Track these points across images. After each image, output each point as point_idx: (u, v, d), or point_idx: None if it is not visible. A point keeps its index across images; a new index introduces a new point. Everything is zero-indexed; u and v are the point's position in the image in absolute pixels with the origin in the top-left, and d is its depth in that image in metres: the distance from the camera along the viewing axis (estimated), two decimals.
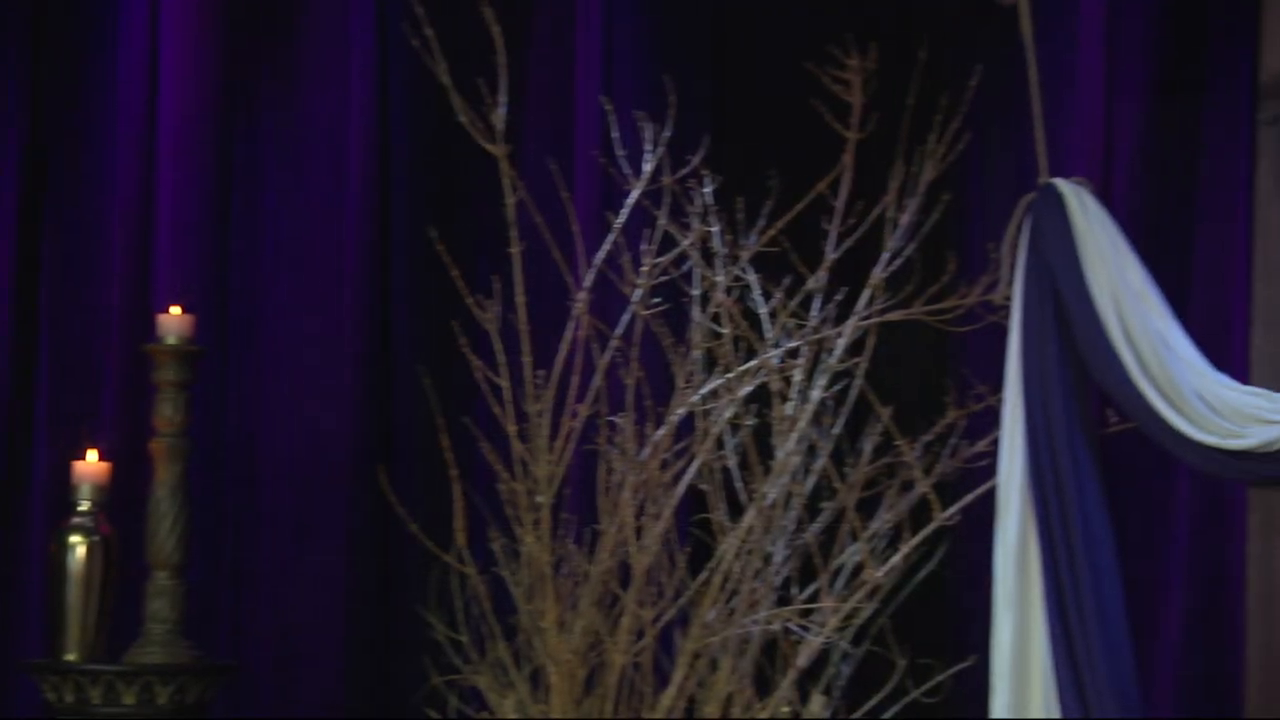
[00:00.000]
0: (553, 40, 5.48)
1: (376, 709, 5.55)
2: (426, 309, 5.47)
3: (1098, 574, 4.35)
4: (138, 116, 5.78)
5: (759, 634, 4.54)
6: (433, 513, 4.93)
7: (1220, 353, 4.47)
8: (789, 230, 4.63)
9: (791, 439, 4.58)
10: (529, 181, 4.90)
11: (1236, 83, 4.73)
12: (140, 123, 5.77)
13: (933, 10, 5.06)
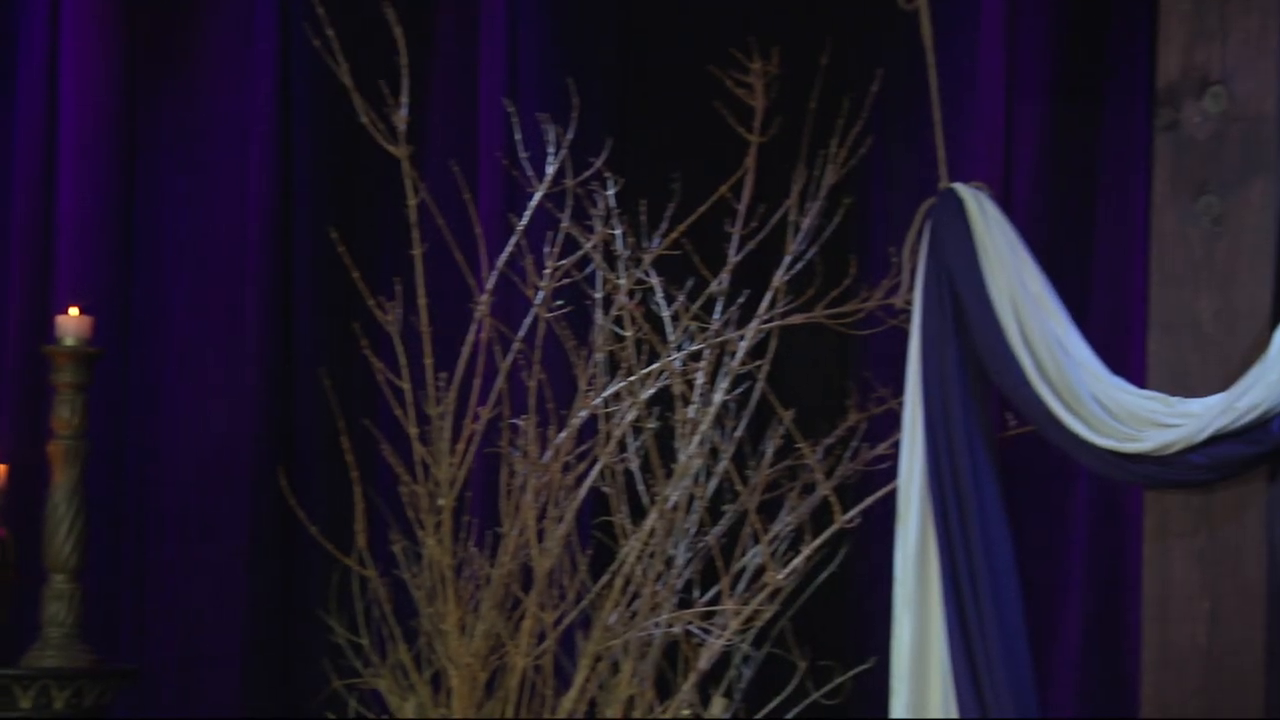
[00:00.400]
0: (456, 41, 5.47)
1: (277, 711, 5.53)
2: (328, 310, 5.46)
3: (996, 576, 4.37)
4: (38, 116, 5.74)
5: (660, 636, 4.56)
6: (334, 515, 4.92)
7: (1119, 357, 4.50)
8: (691, 233, 4.65)
9: (694, 441, 4.59)
10: (432, 183, 4.90)
11: (1134, 88, 4.78)
12: (40, 122, 5.73)
13: (835, 14, 5.08)
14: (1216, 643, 4.24)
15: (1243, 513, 4.23)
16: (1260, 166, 4.24)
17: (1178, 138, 4.30)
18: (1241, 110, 4.25)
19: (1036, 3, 5.01)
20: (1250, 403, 4.12)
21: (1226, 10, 4.27)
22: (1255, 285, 4.24)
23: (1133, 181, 4.80)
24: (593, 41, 5.34)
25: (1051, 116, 5.00)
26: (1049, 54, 4.99)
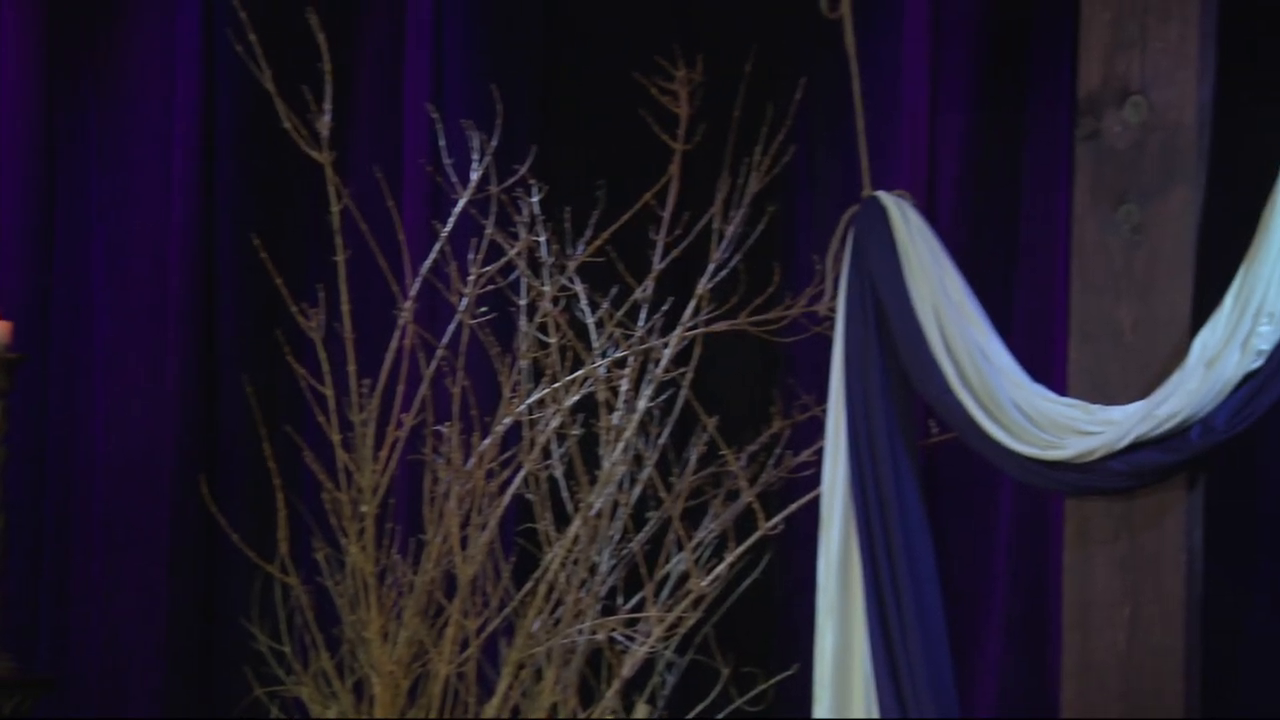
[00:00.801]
0: (381, 48, 5.47)
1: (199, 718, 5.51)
2: (252, 316, 5.45)
3: (918, 583, 4.39)
4: None
5: (584, 644, 4.56)
6: (257, 522, 4.91)
7: (1041, 365, 4.52)
8: (616, 240, 4.66)
9: (618, 449, 4.60)
10: (357, 189, 4.90)
11: (1057, 98, 4.80)
12: None
13: (759, 22, 5.09)
14: (1136, 649, 4.26)
15: (1162, 520, 4.25)
16: (1179, 175, 4.27)
17: (1098, 147, 4.32)
18: (1161, 120, 4.28)
19: (960, 12, 5.04)
20: (1169, 410, 4.14)
21: (1146, 21, 4.30)
22: (1174, 294, 4.26)
23: (1055, 190, 4.82)
24: (518, 48, 5.35)
25: (975, 125, 5.02)
26: (973, 63, 5.01)
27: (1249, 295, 4.11)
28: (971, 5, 5.02)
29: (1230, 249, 4.21)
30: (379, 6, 5.48)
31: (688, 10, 5.15)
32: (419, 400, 4.60)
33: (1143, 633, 4.25)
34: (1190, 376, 4.14)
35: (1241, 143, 4.42)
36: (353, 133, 5.40)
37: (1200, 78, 4.28)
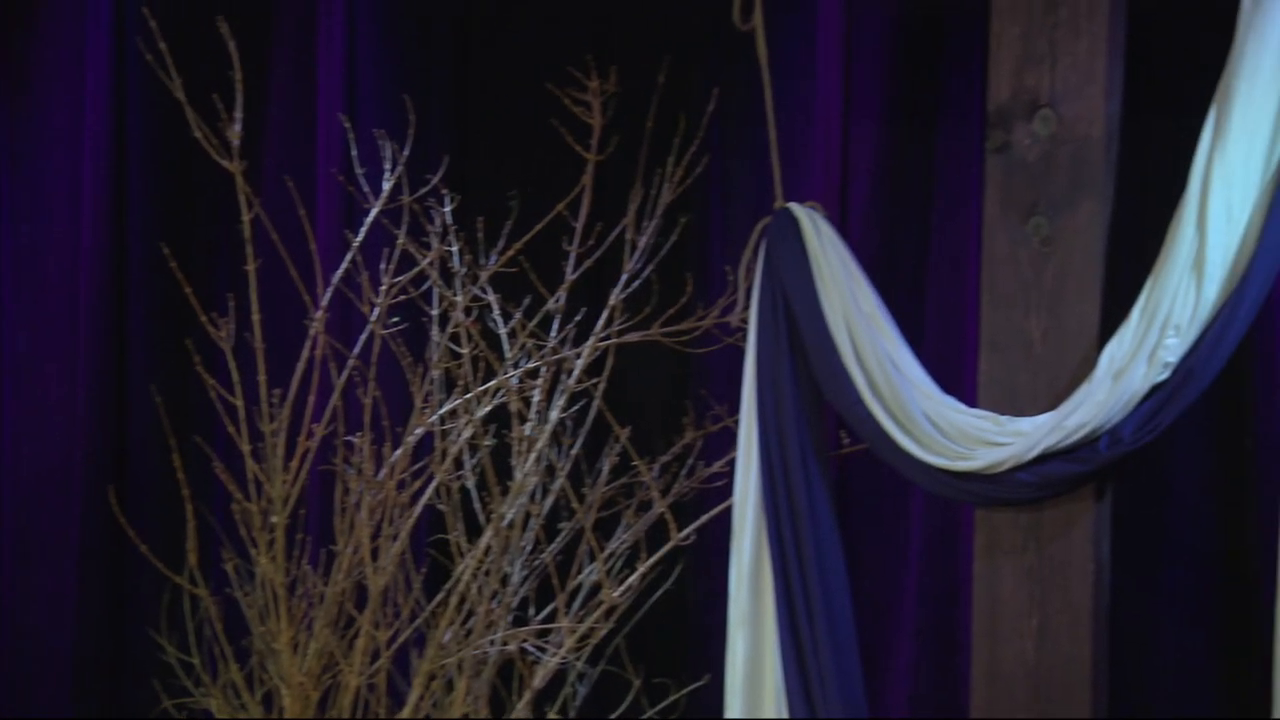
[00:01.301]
0: (294, 57, 5.45)
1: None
2: (162, 326, 5.41)
3: (829, 593, 4.41)
4: None
5: (495, 655, 4.58)
6: (167, 533, 4.89)
7: (952, 376, 4.56)
8: (529, 250, 4.67)
9: (530, 459, 4.62)
10: (270, 199, 4.89)
11: (968, 111, 4.83)
12: None
13: (673, 34, 5.11)
14: (1044, 659, 4.29)
15: (1070, 531, 4.28)
16: (1088, 188, 4.30)
17: (1008, 160, 4.35)
18: (1070, 133, 4.31)
19: (872, 25, 5.06)
20: (1078, 421, 4.17)
21: (1055, 35, 4.32)
22: (1083, 305, 4.29)
23: (966, 202, 4.86)
24: (431, 58, 5.34)
25: (887, 138, 5.04)
26: (885, 75, 5.04)
27: (1156, 308, 4.14)
28: (883, 18, 5.04)
29: (1138, 261, 4.24)
30: (291, 16, 5.46)
31: (601, 21, 5.16)
32: (330, 410, 4.60)
33: (1050, 642, 4.28)
34: (1098, 388, 4.17)
35: (1149, 156, 4.48)
36: (265, 142, 5.38)
37: (1108, 92, 4.31)
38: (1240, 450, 4.76)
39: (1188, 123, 4.20)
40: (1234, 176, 4.10)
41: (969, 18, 4.69)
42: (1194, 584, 4.78)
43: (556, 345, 4.66)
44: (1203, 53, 4.28)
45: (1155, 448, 4.25)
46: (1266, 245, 4.08)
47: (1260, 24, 4.10)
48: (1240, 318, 4.12)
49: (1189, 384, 4.13)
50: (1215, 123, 4.13)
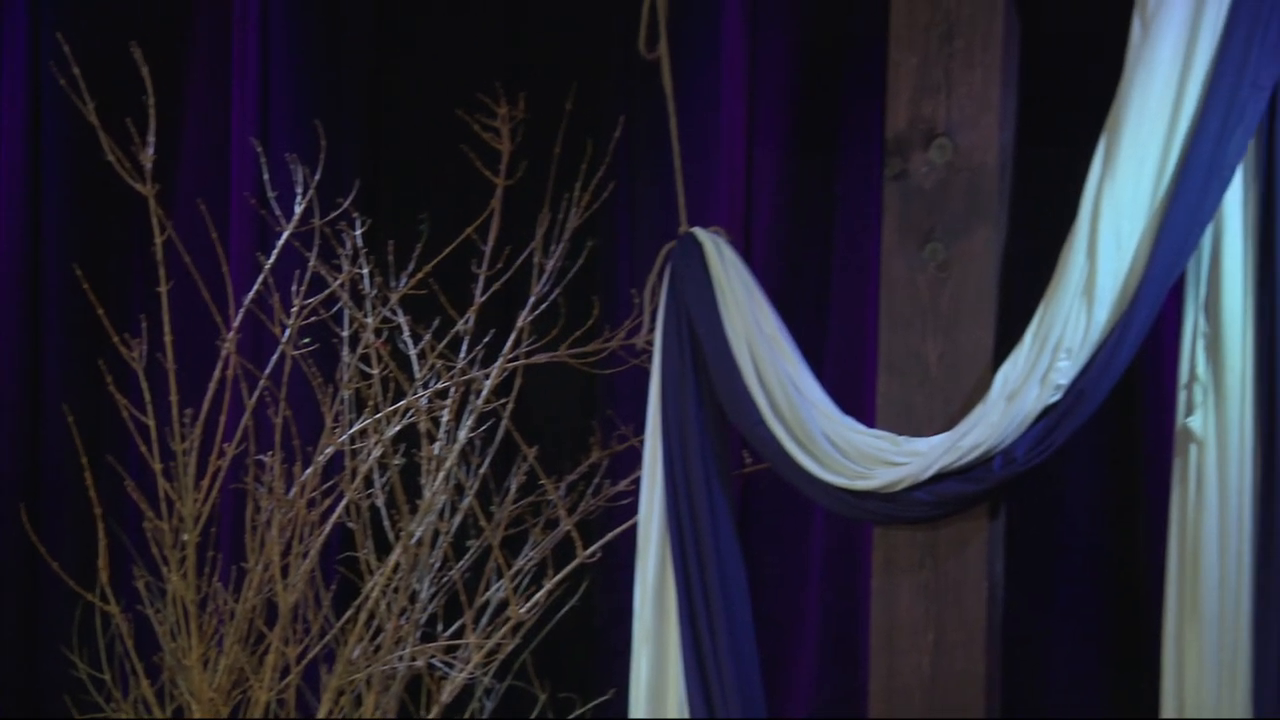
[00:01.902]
0: (208, 82, 5.44)
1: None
2: (76, 346, 5.39)
3: (731, 610, 4.43)
4: None
5: (404, 670, 4.57)
6: (78, 551, 4.87)
7: (852, 397, 4.58)
8: (438, 273, 4.68)
9: (439, 478, 4.61)
10: (183, 222, 4.88)
11: (868, 139, 4.86)
12: None
13: (580, 61, 5.13)
14: (940, 673, 4.31)
15: (965, 548, 4.31)
16: (983, 215, 4.33)
17: (905, 186, 4.38)
18: (965, 161, 4.34)
19: (775, 55, 5.09)
20: (973, 442, 4.20)
21: (951, 66, 4.36)
22: (978, 329, 4.32)
23: (866, 228, 4.88)
24: (343, 84, 5.34)
25: (790, 164, 5.06)
26: (787, 104, 5.07)
27: (1048, 331, 4.18)
28: (786, 48, 5.07)
29: (1031, 286, 4.27)
30: (205, 41, 5.45)
31: (510, 48, 5.17)
32: (241, 430, 4.59)
33: (946, 657, 4.30)
34: (992, 409, 4.20)
35: (1042, 184, 4.51)
36: (179, 166, 5.37)
37: (1002, 122, 4.35)
38: (1130, 469, 4.83)
39: (1079, 151, 4.24)
40: (1123, 204, 4.15)
41: (868, 48, 4.72)
42: (1086, 599, 4.82)
43: (465, 366, 4.66)
44: (1093, 84, 4.32)
45: (1048, 467, 4.28)
46: (1154, 271, 4.13)
47: (1148, 57, 4.15)
48: (1129, 341, 4.16)
49: (1080, 405, 4.16)
50: (1105, 152, 4.17)
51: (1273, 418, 4.15)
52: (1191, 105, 4.12)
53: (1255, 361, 4.18)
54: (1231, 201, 4.20)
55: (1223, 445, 4.18)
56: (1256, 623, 4.13)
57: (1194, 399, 4.22)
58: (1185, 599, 4.18)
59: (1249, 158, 4.18)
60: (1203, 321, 4.23)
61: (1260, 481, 4.16)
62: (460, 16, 5.20)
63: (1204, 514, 4.18)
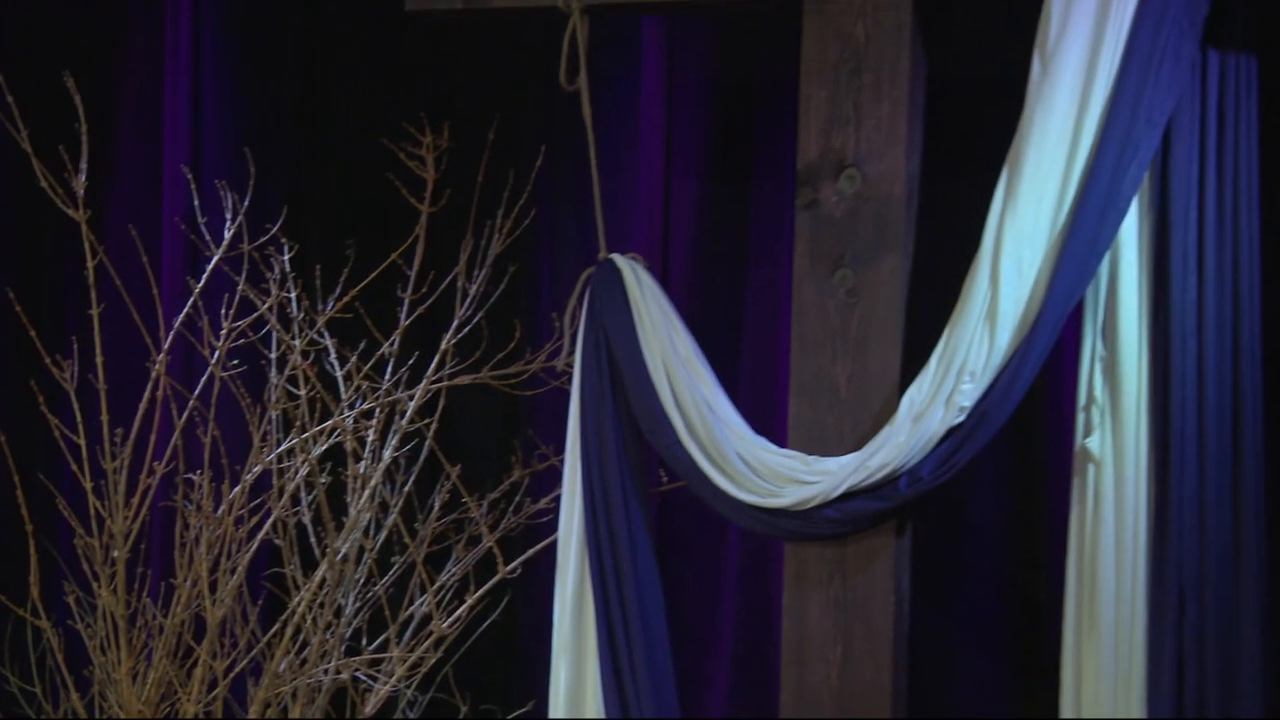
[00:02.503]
0: (140, 110, 5.43)
1: None
2: (9, 367, 5.37)
3: (648, 624, 4.43)
4: None
5: (329, 683, 4.56)
6: (11, 567, 4.84)
7: (765, 418, 4.60)
8: (365, 297, 4.68)
9: (364, 496, 4.61)
10: (115, 246, 4.87)
11: (780, 169, 4.88)
12: None
13: (503, 93, 5.14)
14: (848, 684, 4.33)
15: (873, 564, 4.33)
16: (890, 242, 4.36)
17: (816, 215, 4.40)
18: (873, 191, 4.37)
19: (691, 88, 5.11)
20: (880, 461, 4.23)
21: (860, 99, 4.39)
22: (885, 352, 4.35)
23: (778, 255, 4.90)
24: (272, 113, 5.34)
25: (706, 193, 5.08)
26: (704, 135, 5.09)
27: (953, 355, 4.21)
28: (701, 81, 5.10)
29: (936, 311, 4.31)
30: (137, 71, 5.44)
31: (435, 80, 5.18)
32: (171, 449, 4.58)
33: (854, 668, 4.32)
34: (899, 430, 4.23)
35: (947, 213, 4.54)
36: (111, 191, 5.35)
37: (909, 153, 4.39)
38: (1031, 488, 4.87)
39: (982, 182, 4.27)
40: (1024, 233, 4.18)
41: (781, 82, 4.75)
42: (989, 611, 4.86)
43: (390, 387, 4.65)
44: (996, 118, 4.35)
45: (953, 486, 4.30)
46: (1054, 297, 4.17)
47: (1047, 94, 4.19)
48: (1030, 364, 4.19)
49: (983, 426, 4.19)
50: (1007, 183, 4.21)
51: (1166, 439, 4.21)
52: (1089, 140, 4.17)
53: (1150, 385, 4.23)
54: (1127, 232, 4.25)
55: (1119, 465, 4.24)
56: (1150, 633, 4.19)
57: (1092, 421, 4.27)
58: (1083, 611, 4.23)
59: (1143, 190, 4.24)
60: (1100, 346, 4.28)
61: (1154, 500, 4.21)
62: (386, 48, 5.21)
63: (1101, 530, 4.23)
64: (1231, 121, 4.25)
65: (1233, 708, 4.15)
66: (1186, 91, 4.21)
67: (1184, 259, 4.22)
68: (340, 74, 5.29)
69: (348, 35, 5.29)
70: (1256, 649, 4.17)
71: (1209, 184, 4.24)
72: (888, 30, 4.37)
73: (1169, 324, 4.22)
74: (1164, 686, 4.16)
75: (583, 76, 4.50)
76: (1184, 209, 4.23)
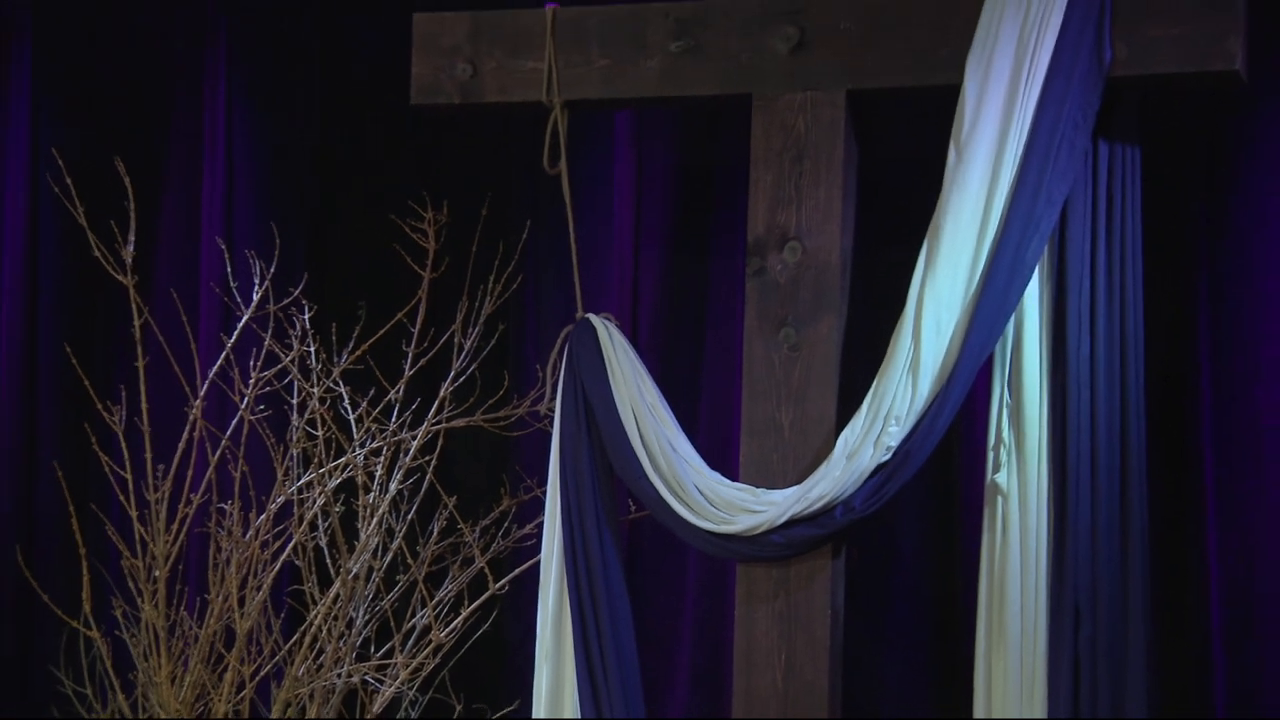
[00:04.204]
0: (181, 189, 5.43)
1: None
2: (66, 412, 5.36)
3: (618, 635, 4.42)
4: None
5: (341, 685, 4.54)
6: (66, 585, 4.83)
7: (719, 456, 4.58)
8: (374, 351, 4.67)
9: (373, 523, 4.60)
10: (159, 307, 4.86)
11: (733, 241, 4.88)
12: None
13: (494, 175, 5.16)
14: (791, 686, 4.33)
15: (812, 582, 4.33)
16: (827, 305, 4.37)
17: (764, 281, 4.41)
18: (813, 260, 4.38)
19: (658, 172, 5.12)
20: (819, 494, 4.24)
21: (801, 183, 4.40)
22: (823, 400, 4.36)
23: (731, 315, 4.90)
24: (294, 192, 5.35)
25: (669, 262, 5.08)
26: (668, 213, 5.10)
27: (881, 402, 4.22)
28: (666, 166, 5.11)
29: (867, 364, 4.32)
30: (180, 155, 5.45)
31: (435, 164, 5.20)
32: (206, 482, 4.57)
33: (796, 672, 4.32)
34: (835, 466, 4.24)
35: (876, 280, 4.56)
36: (156, 260, 5.35)
37: (843, 228, 4.41)
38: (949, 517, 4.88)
39: (906, 253, 4.28)
40: (942, 296, 4.19)
41: (734, 167, 4.75)
42: (912, 624, 4.86)
43: (396, 429, 4.65)
44: (918, 197, 4.36)
45: (881, 515, 4.30)
46: (967, 352, 4.18)
47: (961, 178, 4.21)
48: (948, 410, 4.20)
49: (907, 463, 4.20)
50: (927, 254, 4.23)
51: (1064, 475, 4.21)
52: (997, 217, 4.18)
53: (1049, 429, 4.24)
54: (1030, 296, 4.27)
55: (1023, 497, 4.24)
56: (1050, 643, 4.19)
57: (1000, 459, 4.27)
58: (993, 623, 4.23)
59: (1044, 261, 4.25)
60: (1007, 395, 4.29)
61: (1053, 527, 4.22)
62: (393, 136, 5.22)
63: (1008, 553, 4.23)
64: (1119, 202, 4.27)
65: (1121, 708, 4.15)
66: (1080, 176, 4.23)
67: (1078, 320, 4.24)
68: (353, 159, 5.30)
69: (360, 125, 5.29)
70: (1141, 657, 4.18)
71: (1100, 256, 4.25)
72: (824, 124, 4.38)
73: (1066, 376, 4.23)
74: (1062, 690, 4.16)
75: (563, 162, 4.51)
76: (1078, 277, 4.24)
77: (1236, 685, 4.56)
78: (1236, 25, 4.16)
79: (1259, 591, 4.57)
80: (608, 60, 4.49)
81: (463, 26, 4.58)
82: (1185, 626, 4.61)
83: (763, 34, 4.40)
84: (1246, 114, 4.66)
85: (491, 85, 4.54)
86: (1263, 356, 4.69)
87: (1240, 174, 4.73)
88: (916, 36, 4.33)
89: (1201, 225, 4.72)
